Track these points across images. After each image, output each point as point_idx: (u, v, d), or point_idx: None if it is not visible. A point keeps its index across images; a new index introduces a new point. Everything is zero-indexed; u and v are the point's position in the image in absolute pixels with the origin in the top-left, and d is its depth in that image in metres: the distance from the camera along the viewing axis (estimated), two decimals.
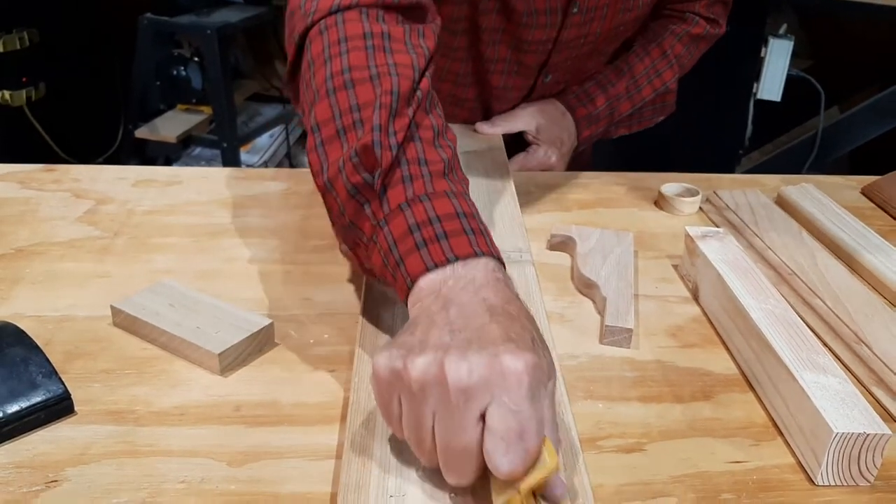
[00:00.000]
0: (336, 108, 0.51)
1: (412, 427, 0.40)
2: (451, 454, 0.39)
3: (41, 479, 0.44)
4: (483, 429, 0.38)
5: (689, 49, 0.97)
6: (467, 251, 0.45)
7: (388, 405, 0.41)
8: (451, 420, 0.38)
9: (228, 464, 0.46)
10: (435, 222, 0.46)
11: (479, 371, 0.38)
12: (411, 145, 0.49)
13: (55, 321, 0.58)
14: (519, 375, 0.38)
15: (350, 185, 0.49)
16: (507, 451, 0.37)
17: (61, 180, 0.82)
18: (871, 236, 0.74)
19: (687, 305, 0.65)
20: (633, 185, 0.87)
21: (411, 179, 0.48)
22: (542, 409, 0.39)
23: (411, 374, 0.39)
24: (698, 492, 0.45)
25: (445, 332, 0.41)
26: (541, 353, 0.40)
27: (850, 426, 0.45)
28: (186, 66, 2.35)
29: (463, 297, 0.43)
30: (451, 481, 0.40)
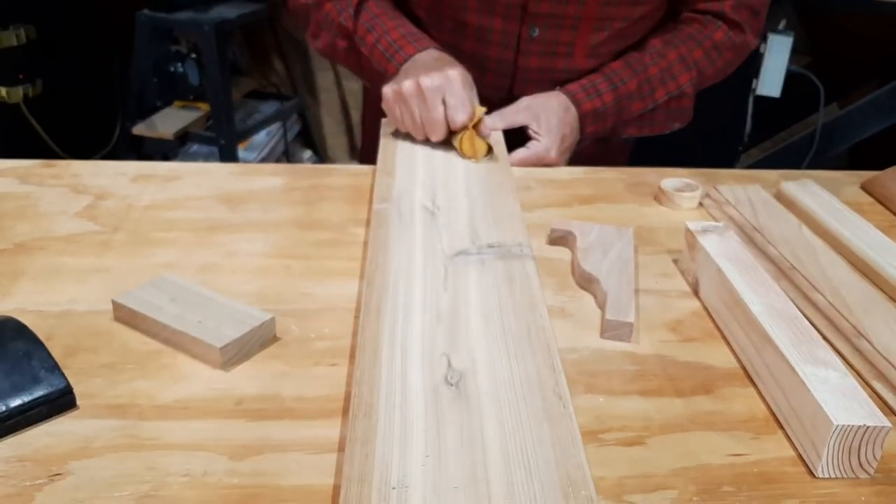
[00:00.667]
0: (318, 22, 0.96)
1: (409, 118, 0.82)
2: (430, 124, 0.81)
3: (44, 473, 0.44)
4: (445, 107, 0.80)
5: (710, 56, 0.94)
6: (413, 50, 0.88)
7: (394, 113, 0.84)
8: (428, 106, 0.81)
9: (230, 457, 0.46)
10: (393, 44, 0.89)
11: (437, 79, 0.80)
12: (363, 12, 0.92)
13: (56, 316, 0.58)
14: (456, 77, 0.81)
15: (342, 49, 0.95)
16: (458, 112, 0.80)
17: (61, 175, 0.82)
18: (871, 231, 0.74)
19: (687, 300, 0.65)
20: (632, 180, 0.87)
21: (372, 28, 0.90)
22: (471, 93, 0.83)
23: (403, 89, 0.81)
24: (699, 484, 0.46)
25: (415, 69, 0.83)
26: (464, 69, 0.84)
27: (851, 419, 0.45)
28: (184, 62, 2.35)
29: (419, 57, 0.87)
30: (432, 138, 0.82)
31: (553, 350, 0.52)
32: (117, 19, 2.27)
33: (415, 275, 0.60)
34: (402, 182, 0.76)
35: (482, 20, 0.89)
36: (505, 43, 0.90)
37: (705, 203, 0.82)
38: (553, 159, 0.90)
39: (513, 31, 0.89)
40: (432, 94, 0.79)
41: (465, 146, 0.81)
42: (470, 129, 0.81)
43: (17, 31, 2.12)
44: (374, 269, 0.61)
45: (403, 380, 0.48)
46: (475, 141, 0.81)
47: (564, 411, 0.46)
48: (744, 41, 0.96)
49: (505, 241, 0.66)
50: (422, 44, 0.87)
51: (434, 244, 0.64)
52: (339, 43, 0.94)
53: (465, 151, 0.81)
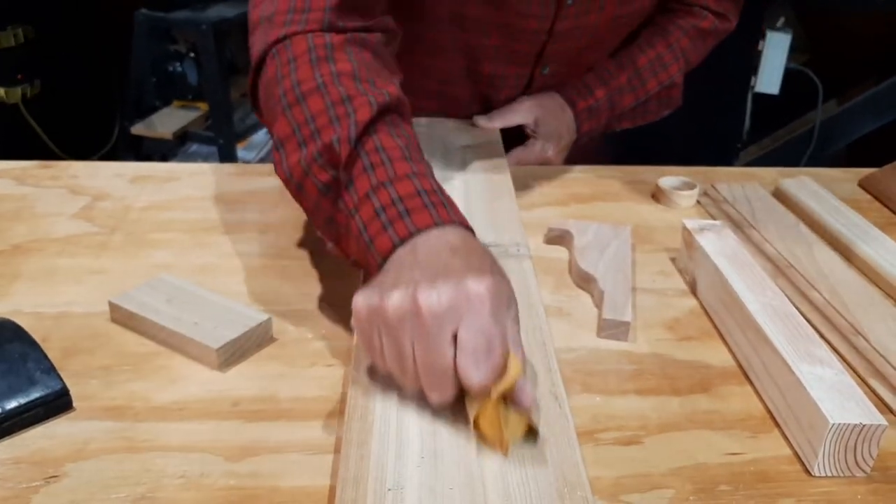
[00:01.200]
0: (293, 123, 0.56)
1: (394, 356, 0.45)
2: (430, 374, 0.44)
3: (40, 475, 0.44)
4: (455, 349, 0.43)
5: (696, 43, 0.95)
6: (428, 223, 0.49)
7: (369, 340, 0.46)
8: (428, 344, 0.43)
9: (227, 458, 0.46)
10: (398, 203, 0.51)
11: (447, 297, 0.43)
12: (368, 138, 0.54)
13: (53, 317, 0.58)
14: (482, 297, 0.44)
15: (320, 183, 0.54)
16: (478, 365, 0.43)
17: (58, 176, 0.82)
18: (869, 228, 0.74)
19: (684, 298, 0.65)
20: (630, 178, 0.87)
21: (373, 168, 0.53)
22: (505, 326, 0.45)
23: (388, 308, 0.44)
24: (696, 483, 0.46)
25: (415, 270, 0.46)
26: (499, 279, 0.46)
27: (847, 417, 0.45)
28: (182, 61, 2.35)
29: (429, 242, 0.48)
30: (433, 400, 0.45)
31: (549, 350, 0.52)
32: (116, 19, 2.27)
33: None
34: None
35: (496, 68, 0.87)
36: (517, 85, 0.91)
37: (703, 201, 0.82)
38: (551, 158, 0.90)
39: (525, 74, 0.89)
40: (438, 325, 0.43)
41: (487, 426, 0.43)
42: (496, 399, 0.43)
43: (15, 32, 2.12)
44: None
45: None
46: (506, 418, 0.43)
47: (560, 411, 0.46)
48: (727, 27, 0.98)
49: (502, 240, 0.66)
50: (443, 213, 0.51)
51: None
52: (319, 173, 0.54)
53: (487, 434, 0.44)
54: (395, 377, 0.46)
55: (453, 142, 0.86)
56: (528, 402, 0.44)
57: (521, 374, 0.43)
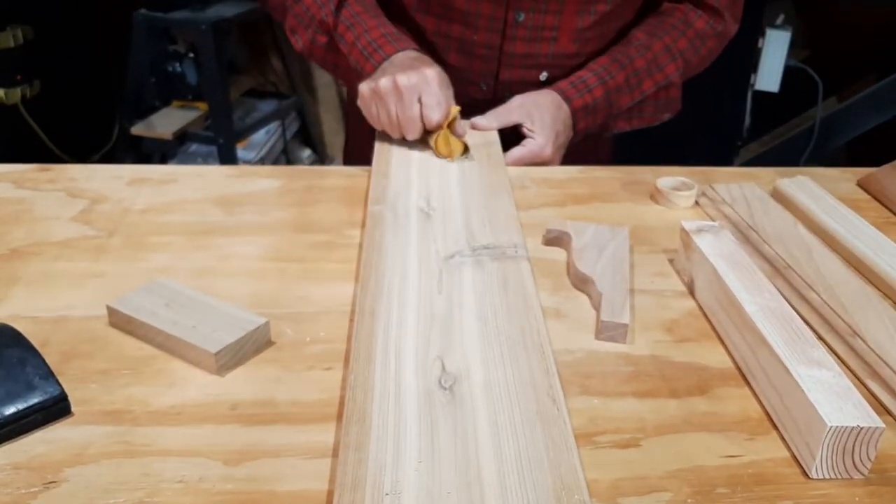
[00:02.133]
0: (297, 17, 0.94)
1: (385, 117, 0.83)
2: (406, 122, 0.82)
3: (39, 481, 0.44)
4: (420, 106, 0.81)
5: (694, 45, 0.95)
6: (393, 50, 0.87)
7: (369, 110, 0.84)
8: (404, 105, 0.81)
9: (225, 463, 0.46)
10: (372, 43, 0.88)
11: (413, 78, 0.81)
12: (344, 9, 0.91)
13: (51, 322, 0.59)
14: (433, 76, 0.81)
15: (322, 45, 0.94)
16: (433, 111, 0.81)
17: (56, 180, 0.82)
18: (867, 228, 0.74)
19: (682, 300, 0.65)
20: (628, 179, 0.87)
21: (352, 26, 0.90)
22: (448, 93, 0.83)
23: (380, 87, 0.81)
24: (693, 486, 0.46)
25: (392, 68, 0.83)
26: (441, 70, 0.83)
27: (844, 419, 0.45)
28: (181, 61, 2.34)
29: (398, 57, 0.85)
30: (409, 137, 0.83)
31: (547, 353, 0.52)
32: (115, 19, 2.27)
33: (409, 277, 0.60)
34: (397, 184, 0.76)
35: (469, 5, 0.89)
36: (491, 28, 0.91)
37: (701, 202, 0.82)
38: (548, 156, 0.90)
39: (499, 16, 0.90)
40: (409, 93, 0.80)
41: (441, 145, 0.81)
42: (445, 129, 0.81)
43: (14, 32, 2.12)
44: (368, 271, 0.61)
45: (397, 384, 0.48)
46: (451, 140, 0.81)
47: (558, 414, 0.46)
48: (725, 29, 0.97)
49: (500, 242, 0.66)
50: (402, 44, 0.87)
51: (429, 246, 0.64)
52: (319, 38, 0.93)
53: (441, 151, 0.81)
54: (387, 131, 0.84)
55: None
56: (461, 132, 0.83)
57: (457, 112, 0.82)
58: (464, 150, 0.82)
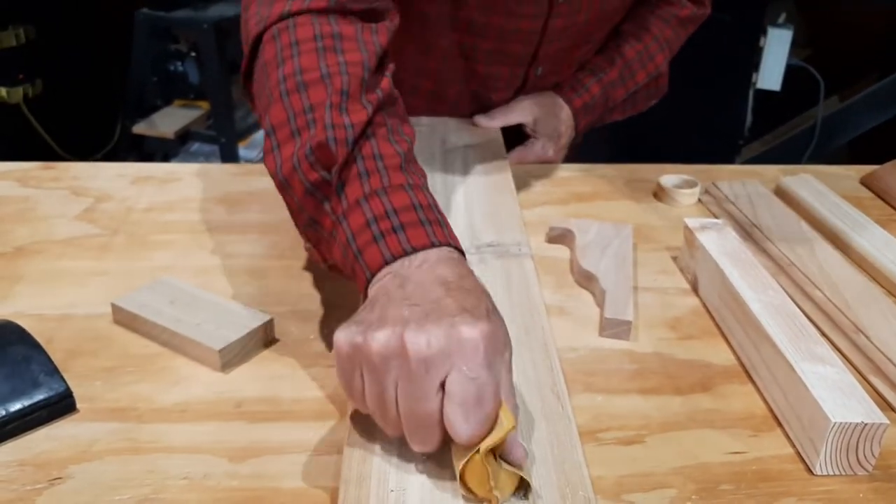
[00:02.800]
0: (290, 111, 0.52)
1: (375, 399, 0.41)
2: (414, 422, 0.40)
3: (44, 477, 0.44)
4: (443, 397, 0.39)
5: (678, 32, 0.97)
6: (424, 242, 0.46)
7: (350, 380, 0.42)
8: (413, 390, 0.40)
9: (230, 460, 0.46)
10: (392, 215, 0.47)
11: (437, 341, 0.39)
12: (366, 142, 0.50)
13: (56, 319, 0.59)
14: (475, 343, 0.40)
15: (308, 182, 0.50)
16: (467, 417, 0.39)
17: (60, 178, 0.82)
18: (870, 225, 0.74)
19: (686, 297, 0.65)
20: (631, 176, 0.87)
21: (368, 174, 0.49)
22: (499, 375, 0.41)
23: (372, 348, 0.40)
24: (698, 483, 0.46)
25: (403, 306, 0.42)
26: (496, 323, 0.42)
27: (848, 416, 0.45)
28: (183, 61, 2.35)
29: (419, 275, 0.44)
30: (416, 448, 0.41)
31: (551, 350, 0.52)
32: (116, 18, 2.27)
33: None
34: None
35: (491, 69, 0.87)
36: (511, 85, 0.91)
37: (704, 199, 0.82)
38: (551, 156, 0.90)
39: (519, 74, 0.89)
40: (425, 370, 0.40)
41: (473, 479, 0.40)
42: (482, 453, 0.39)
43: (16, 31, 2.12)
44: None
45: None
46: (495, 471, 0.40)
47: (563, 412, 0.46)
48: (704, 13, 0.98)
49: (503, 240, 0.66)
50: (439, 232, 0.47)
51: None
52: (308, 172, 0.50)
53: (473, 487, 0.40)
54: (376, 421, 0.42)
55: (454, 141, 0.86)
56: (520, 458, 0.40)
57: (513, 427, 0.40)
58: (518, 487, 0.41)
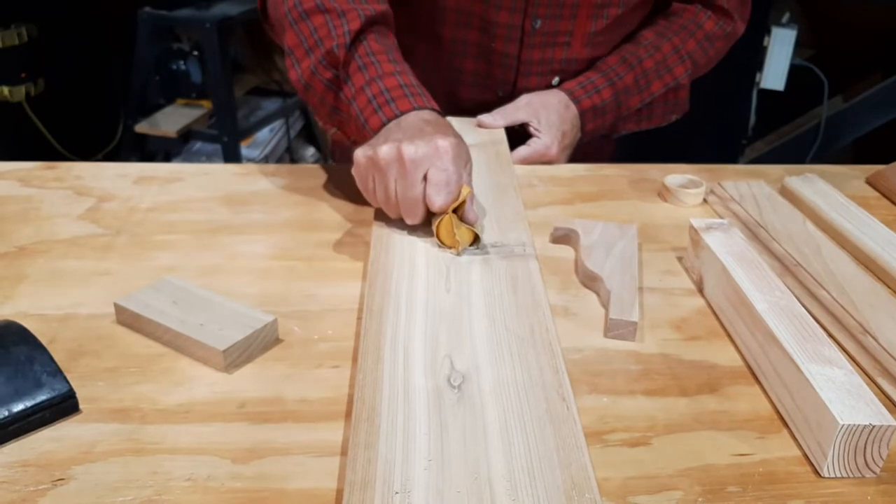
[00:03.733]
0: (300, 35, 0.76)
1: (382, 192, 0.65)
2: (407, 203, 0.64)
3: (47, 478, 0.44)
4: (426, 185, 0.63)
5: (703, 46, 0.95)
6: (408, 107, 0.69)
7: (365, 182, 0.66)
8: (406, 181, 0.63)
9: (234, 461, 0.46)
10: (385, 93, 0.71)
11: (422, 149, 0.63)
12: (360, 44, 0.74)
13: (59, 319, 0.58)
14: (446, 149, 0.63)
15: (324, 80, 0.75)
16: (439, 192, 0.62)
17: (63, 178, 0.82)
18: (876, 226, 0.74)
19: (692, 298, 0.65)
20: (636, 176, 0.87)
21: (365, 67, 0.73)
22: (461, 172, 0.64)
23: (379, 156, 0.63)
24: (704, 485, 0.45)
25: (399, 133, 0.66)
26: (461, 140, 0.66)
27: (856, 418, 0.45)
28: (186, 60, 2.35)
29: (409, 118, 0.68)
30: (408, 221, 0.65)
31: (556, 351, 0.51)
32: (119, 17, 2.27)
33: (417, 275, 0.60)
34: None
35: (488, 13, 0.88)
36: (509, 36, 0.90)
37: (709, 199, 0.81)
38: (554, 156, 0.90)
39: (517, 24, 0.89)
40: (414, 167, 0.62)
41: (444, 233, 0.63)
42: (450, 214, 0.62)
43: (18, 30, 2.12)
44: (376, 269, 0.60)
45: (406, 382, 0.48)
46: (457, 228, 0.63)
47: (568, 413, 0.46)
48: (733, 29, 0.97)
49: (508, 240, 0.65)
50: (419, 100, 0.71)
51: (437, 244, 0.64)
52: (323, 72, 0.75)
53: (444, 240, 0.63)
54: (383, 208, 0.66)
55: None
56: (472, 218, 0.64)
57: (468, 195, 0.63)
58: (473, 240, 0.64)
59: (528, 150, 0.90)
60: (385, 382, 0.48)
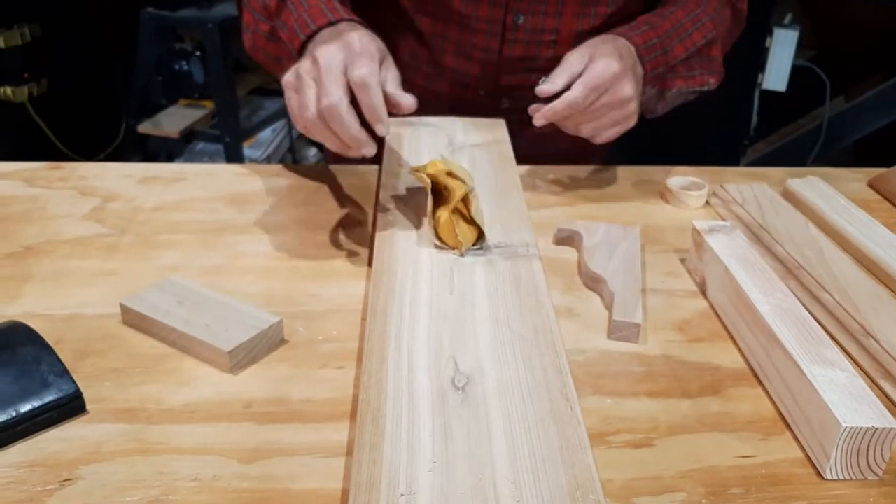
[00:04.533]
0: (252, 10, 0.81)
1: (309, 114, 0.61)
2: (334, 117, 0.59)
3: (55, 478, 0.44)
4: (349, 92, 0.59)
5: (719, 13, 0.88)
6: (324, 20, 0.70)
7: (291, 106, 0.63)
8: (325, 89, 0.59)
9: (240, 461, 0.46)
10: (306, 17, 0.71)
11: (338, 53, 0.61)
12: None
13: (64, 319, 0.59)
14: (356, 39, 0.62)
15: (265, 33, 0.79)
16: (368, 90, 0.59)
17: (68, 178, 0.82)
18: (878, 228, 0.74)
19: (694, 299, 0.65)
20: (638, 178, 0.87)
21: (294, 6, 0.73)
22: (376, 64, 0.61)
23: (299, 70, 0.62)
24: (707, 486, 0.46)
25: (316, 45, 0.64)
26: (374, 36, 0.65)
27: (859, 420, 0.45)
28: (188, 60, 2.35)
29: (326, 32, 0.68)
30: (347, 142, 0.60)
31: (560, 352, 0.52)
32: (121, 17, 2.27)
33: (421, 276, 0.60)
34: (407, 182, 0.76)
35: (467, 7, 0.86)
36: (490, 31, 0.88)
37: (712, 201, 0.82)
38: (617, 73, 0.74)
39: (498, 18, 0.87)
40: (328, 71, 0.59)
41: (445, 234, 0.57)
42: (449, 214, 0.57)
43: (21, 30, 2.13)
44: (380, 270, 0.61)
45: (410, 384, 0.48)
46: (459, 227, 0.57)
47: (572, 414, 0.46)
48: (740, 7, 0.92)
49: (511, 241, 0.65)
50: (337, 14, 0.70)
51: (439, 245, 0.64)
52: (262, 27, 0.79)
53: (446, 240, 0.58)
54: (315, 136, 0.62)
55: (461, 141, 0.86)
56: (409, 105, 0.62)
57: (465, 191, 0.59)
58: (477, 238, 0.59)
59: (587, 73, 0.73)
60: (390, 384, 0.48)
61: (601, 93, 0.73)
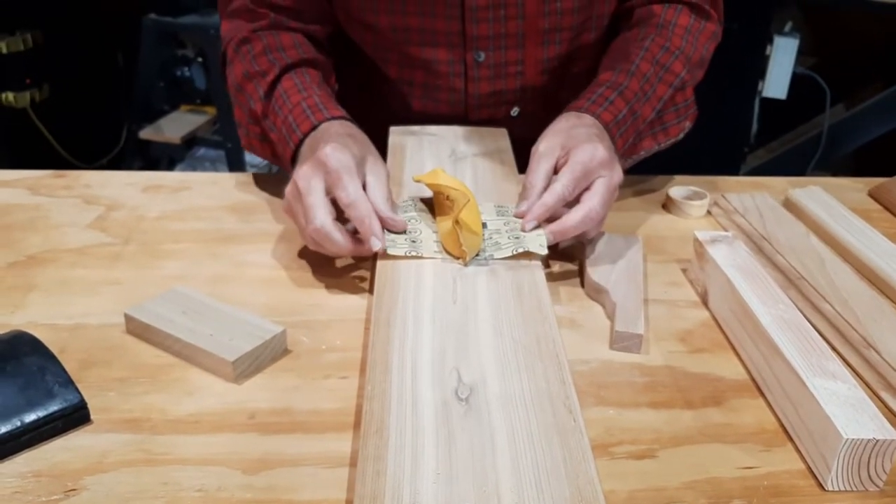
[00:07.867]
0: (241, 107, 0.81)
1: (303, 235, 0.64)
2: (321, 240, 0.63)
3: (60, 489, 0.45)
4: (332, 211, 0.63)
5: (688, 39, 0.85)
6: (308, 126, 0.71)
7: (290, 211, 0.66)
8: (307, 215, 0.62)
9: (244, 471, 0.46)
10: (292, 123, 0.73)
11: (315, 175, 0.63)
12: (275, 91, 0.77)
13: (69, 329, 0.59)
14: (331, 161, 0.63)
15: (257, 136, 0.80)
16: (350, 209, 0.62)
17: (71, 186, 0.82)
18: (879, 238, 0.74)
19: (696, 310, 0.65)
20: (640, 187, 0.87)
21: (279, 108, 0.75)
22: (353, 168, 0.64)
23: (288, 194, 0.66)
24: (709, 497, 0.46)
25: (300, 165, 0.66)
26: (344, 143, 0.66)
27: (860, 432, 0.45)
28: (190, 66, 2.36)
29: (312, 138, 0.70)
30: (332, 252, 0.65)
31: (563, 362, 0.52)
32: (124, 23, 2.28)
33: (424, 286, 0.60)
34: (410, 191, 0.77)
35: (425, 52, 0.85)
36: (452, 71, 0.87)
37: (713, 211, 0.82)
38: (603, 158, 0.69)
39: (458, 58, 0.86)
40: (307, 194, 0.63)
41: (449, 244, 0.63)
42: (452, 224, 0.62)
43: (23, 36, 2.13)
44: (383, 280, 0.61)
45: (414, 395, 0.48)
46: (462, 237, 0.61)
47: (575, 425, 0.46)
48: (713, 25, 0.87)
49: None
50: (319, 115, 0.71)
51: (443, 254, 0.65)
52: (252, 130, 0.80)
53: (450, 250, 0.63)
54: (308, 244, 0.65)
55: (464, 150, 0.86)
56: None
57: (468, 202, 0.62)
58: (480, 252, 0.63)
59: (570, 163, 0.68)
60: (393, 395, 0.48)
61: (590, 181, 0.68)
